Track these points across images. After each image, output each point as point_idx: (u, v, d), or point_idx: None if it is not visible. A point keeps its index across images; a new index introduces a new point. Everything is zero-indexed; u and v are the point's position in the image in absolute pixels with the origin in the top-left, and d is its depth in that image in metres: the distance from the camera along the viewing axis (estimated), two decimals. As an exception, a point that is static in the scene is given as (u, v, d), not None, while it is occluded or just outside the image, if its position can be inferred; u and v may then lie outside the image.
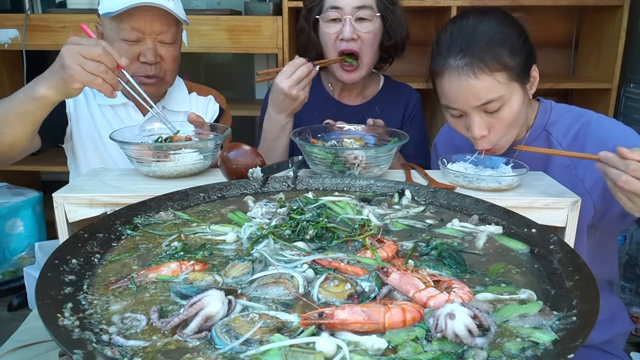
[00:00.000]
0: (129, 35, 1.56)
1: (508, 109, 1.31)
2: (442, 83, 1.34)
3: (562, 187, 1.24)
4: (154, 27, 1.57)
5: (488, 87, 1.27)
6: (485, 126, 1.33)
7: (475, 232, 1.00)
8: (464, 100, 1.31)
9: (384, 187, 1.22)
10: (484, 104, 1.29)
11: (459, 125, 1.40)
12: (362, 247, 0.91)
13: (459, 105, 1.33)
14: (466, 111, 1.33)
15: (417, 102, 1.92)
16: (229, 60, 3.60)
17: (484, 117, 1.32)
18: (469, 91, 1.29)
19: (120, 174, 1.34)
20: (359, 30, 1.67)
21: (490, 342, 0.65)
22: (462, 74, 1.28)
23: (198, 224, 1.03)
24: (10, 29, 2.74)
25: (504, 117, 1.31)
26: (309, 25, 1.77)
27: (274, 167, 1.27)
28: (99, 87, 1.23)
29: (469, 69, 1.27)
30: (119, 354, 0.62)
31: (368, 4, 1.67)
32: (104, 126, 1.72)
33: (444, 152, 1.65)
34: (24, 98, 1.29)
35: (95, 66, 1.22)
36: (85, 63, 1.21)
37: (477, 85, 1.27)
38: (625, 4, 2.65)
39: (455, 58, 1.29)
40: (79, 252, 0.86)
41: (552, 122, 1.44)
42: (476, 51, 1.27)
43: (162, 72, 1.65)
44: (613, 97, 2.78)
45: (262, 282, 0.78)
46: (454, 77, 1.30)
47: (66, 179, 1.77)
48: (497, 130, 1.34)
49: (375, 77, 1.91)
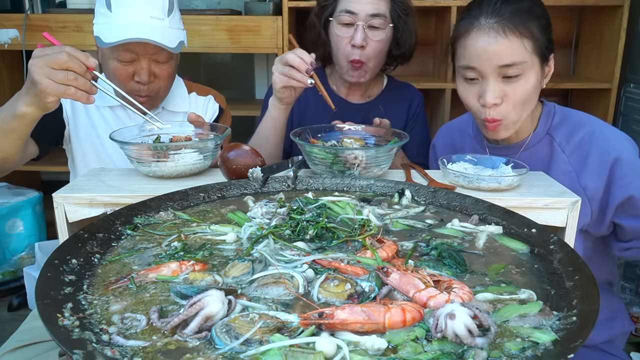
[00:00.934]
0: (123, 56, 1.55)
1: (525, 80, 1.30)
2: (467, 42, 1.33)
3: (562, 187, 1.24)
4: (147, 49, 1.55)
5: (514, 49, 1.28)
6: (499, 95, 1.31)
7: (475, 232, 1.00)
8: (487, 59, 1.29)
9: (384, 187, 1.22)
10: (506, 66, 1.28)
11: (470, 93, 1.37)
12: (362, 247, 0.91)
13: (480, 65, 1.31)
14: (485, 73, 1.31)
15: (420, 101, 1.94)
16: (229, 60, 3.60)
17: (500, 85, 1.31)
18: (495, 50, 1.28)
19: (120, 174, 1.34)
20: (370, 38, 1.68)
21: (490, 342, 0.65)
22: (491, 31, 1.28)
23: (198, 224, 1.03)
24: (10, 29, 2.74)
25: (519, 88, 1.30)
26: (320, 23, 1.77)
27: (274, 167, 1.27)
28: (73, 96, 1.20)
29: (500, 27, 1.28)
30: (119, 354, 0.62)
31: (382, 12, 1.67)
32: (103, 127, 1.72)
33: (443, 152, 1.65)
34: (7, 116, 1.28)
35: (64, 75, 1.17)
36: (53, 74, 1.17)
37: (504, 44, 1.27)
38: (625, 4, 2.65)
39: (486, 17, 1.30)
40: (79, 252, 0.86)
41: (555, 126, 1.44)
42: (508, 14, 1.28)
43: (154, 91, 1.64)
44: (613, 97, 2.78)
45: (262, 282, 0.78)
46: (483, 34, 1.29)
47: (66, 179, 1.77)
48: (510, 101, 1.32)
49: (379, 77, 1.91)
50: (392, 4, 1.70)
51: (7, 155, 1.36)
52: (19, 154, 1.39)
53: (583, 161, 1.38)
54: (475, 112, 1.39)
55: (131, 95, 1.59)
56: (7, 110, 1.28)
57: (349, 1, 1.67)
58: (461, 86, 1.40)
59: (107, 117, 1.73)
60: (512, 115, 1.34)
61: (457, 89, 1.43)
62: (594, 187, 1.35)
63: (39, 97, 1.21)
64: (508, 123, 1.36)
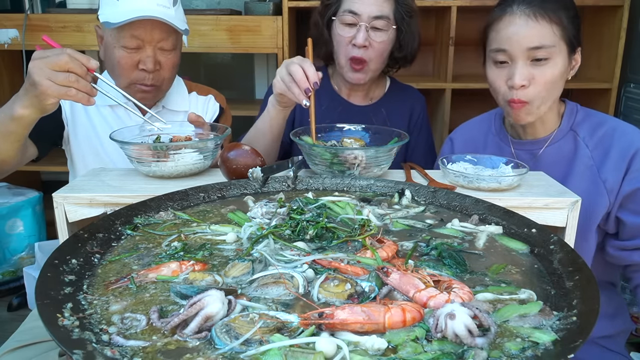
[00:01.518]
0: (129, 43, 1.56)
1: (553, 65, 1.37)
2: (499, 26, 1.41)
3: (561, 187, 1.24)
4: (154, 35, 1.57)
5: (544, 33, 1.36)
6: (527, 77, 1.38)
7: (475, 232, 1.00)
8: (517, 42, 1.37)
9: (384, 187, 1.22)
10: (535, 49, 1.35)
11: (499, 76, 1.43)
12: (362, 247, 0.91)
13: (511, 47, 1.38)
14: (514, 56, 1.38)
15: (422, 108, 1.92)
16: (229, 60, 3.60)
17: (528, 68, 1.38)
18: (525, 33, 1.36)
19: (120, 174, 1.34)
20: (373, 39, 1.67)
21: (490, 342, 0.65)
22: (523, 15, 1.37)
23: (198, 224, 1.03)
24: (10, 29, 2.74)
25: (547, 72, 1.37)
26: (323, 21, 1.76)
27: (274, 167, 1.27)
28: (74, 97, 1.19)
29: (531, 12, 1.36)
30: (119, 354, 0.62)
31: (385, 14, 1.66)
32: (103, 127, 1.72)
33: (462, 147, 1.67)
34: (4, 118, 1.27)
35: (65, 77, 1.17)
36: (54, 76, 1.17)
37: (535, 28, 1.35)
38: (625, 4, 2.65)
39: (519, 4, 1.38)
40: (79, 252, 0.86)
41: (578, 122, 1.49)
42: (539, 1, 1.37)
43: (160, 80, 1.64)
44: (613, 97, 2.78)
45: (262, 282, 0.78)
46: (515, 18, 1.38)
47: (66, 179, 1.77)
48: (537, 84, 1.38)
49: (381, 79, 1.90)
50: (396, 5, 1.69)
51: (5, 158, 1.36)
52: (17, 156, 1.39)
53: (604, 155, 1.42)
54: (502, 95, 1.45)
55: (136, 85, 1.60)
56: (5, 112, 1.28)
57: (353, 1, 1.66)
58: (490, 70, 1.47)
59: (107, 117, 1.73)
60: (538, 100, 1.40)
61: (487, 76, 1.49)
62: (613, 180, 1.40)
63: (39, 98, 1.20)
64: (533, 107, 1.41)
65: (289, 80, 1.38)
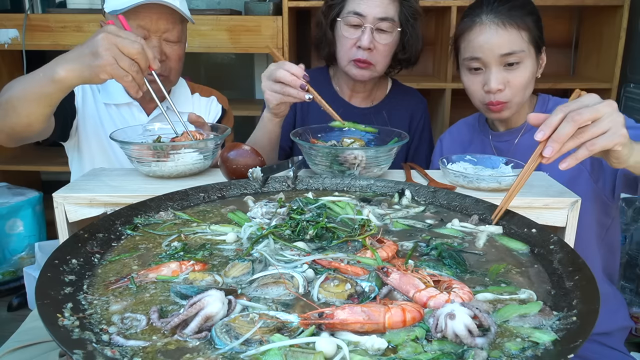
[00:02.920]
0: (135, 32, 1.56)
1: (524, 68, 1.46)
2: (470, 36, 1.49)
3: (562, 187, 1.24)
4: (159, 25, 1.58)
5: (513, 39, 1.44)
6: (502, 81, 1.46)
7: (475, 232, 1.00)
8: (489, 50, 1.45)
9: (384, 187, 1.22)
10: (507, 55, 1.44)
11: (475, 82, 1.52)
12: (362, 247, 0.91)
13: (484, 55, 1.46)
14: (488, 62, 1.47)
15: (424, 111, 1.92)
16: (229, 60, 3.60)
17: (502, 73, 1.46)
18: (496, 41, 1.44)
19: (120, 174, 1.34)
20: (377, 41, 1.66)
21: (490, 342, 0.65)
22: (492, 25, 1.45)
23: (198, 224, 1.03)
24: (10, 29, 2.74)
25: (519, 75, 1.46)
26: (327, 22, 1.75)
27: (274, 167, 1.27)
28: (127, 84, 1.21)
29: (500, 22, 1.44)
30: (119, 354, 0.62)
31: (390, 16, 1.65)
32: (109, 125, 1.73)
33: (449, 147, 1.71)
34: (43, 79, 1.24)
35: (129, 64, 1.19)
36: (121, 58, 1.18)
37: (505, 36, 1.44)
38: (625, 4, 2.65)
39: (487, 14, 1.47)
40: (79, 252, 0.86)
41: (550, 109, 1.53)
42: (506, 10, 1.45)
43: (167, 70, 1.65)
44: (613, 97, 2.78)
45: (262, 282, 0.78)
46: (485, 28, 1.46)
47: (66, 179, 1.77)
48: (512, 86, 1.47)
49: (383, 81, 1.89)
50: (401, 7, 1.68)
51: (33, 121, 1.31)
52: (44, 122, 1.35)
53: None
54: (479, 99, 1.53)
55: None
56: (45, 72, 1.24)
57: (358, 3, 1.64)
58: (466, 77, 1.55)
59: (113, 115, 1.74)
60: (515, 99, 1.49)
61: (462, 81, 1.57)
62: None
63: (94, 69, 1.18)
64: (512, 105, 1.50)
65: (280, 88, 1.37)
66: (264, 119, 1.54)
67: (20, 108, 1.28)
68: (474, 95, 1.54)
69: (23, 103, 1.27)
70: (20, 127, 1.32)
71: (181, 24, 1.64)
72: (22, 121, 1.30)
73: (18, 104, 1.27)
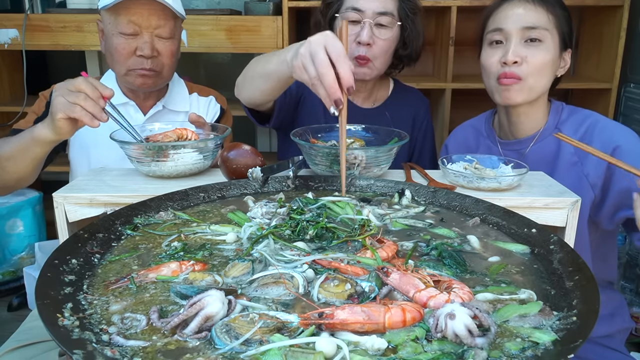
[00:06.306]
0: (126, 28, 1.58)
1: (544, 48, 1.45)
2: (498, 11, 1.50)
3: (562, 187, 1.24)
4: (150, 21, 1.59)
5: (540, 16, 1.45)
6: (520, 54, 1.45)
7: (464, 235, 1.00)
8: (513, 21, 1.45)
9: (384, 187, 1.22)
10: (529, 28, 1.44)
11: (493, 56, 1.50)
12: (362, 247, 0.91)
13: (507, 26, 1.46)
14: (509, 34, 1.46)
15: (426, 112, 1.90)
16: (229, 60, 3.60)
17: (522, 47, 1.45)
18: (522, 13, 1.45)
19: (120, 174, 1.34)
20: (377, 36, 1.64)
21: (490, 342, 0.65)
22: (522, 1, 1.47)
23: (198, 224, 1.03)
24: (10, 29, 2.74)
25: (538, 55, 1.45)
26: (325, 20, 1.73)
27: (274, 167, 1.27)
28: (78, 114, 1.24)
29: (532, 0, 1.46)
30: (119, 354, 0.62)
31: (390, 10, 1.63)
32: (104, 126, 1.72)
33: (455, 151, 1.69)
34: (27, 138, 1.36)
35: (75, 96, 1.24)
36: (67, 94, 1.25)
37: (532, 10, 1.45)
38: (625, 4, 2.65)
39: None
40: (79, 252, 0.86)
41: (563, 121, 1.53)
42: None
43: (159, 66, 1.66)
44: (613, 97, 2.78)
45: (262, 282, 0.78)
46: (515, 3, 1.48)
47: (66, 179, 1.77)
48: (529, 64, 1.44)
49: (385, 81, 1.88)
50: (400, 2, 1.66)
51: (23, 176, 1.44)
52: (31, 178, 1.48)
53: None
54: (493, 74, 1.50)
55: (135, 70, 1.64)
56: (29, 132, 1.36)
57: None
58: (485, 52, 1.53)
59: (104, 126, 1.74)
60: (530, 80, 1.46)
61: (480, 60, 1.56)
62: (594, 175, 1.43)
63: (52, 116, 1.27)
64: (524, 86, 1.46)
65: (315, 77, 1.07)
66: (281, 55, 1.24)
67: (9, 165, 1.40)
68: (489, 69, 1.51)
69: (11, 160, 1.40)
70: (11, 182, 1.46)
71: (173, 20, 1.64)
72: (11, 177, 1.44)
73: (7, 164, 1.40)
